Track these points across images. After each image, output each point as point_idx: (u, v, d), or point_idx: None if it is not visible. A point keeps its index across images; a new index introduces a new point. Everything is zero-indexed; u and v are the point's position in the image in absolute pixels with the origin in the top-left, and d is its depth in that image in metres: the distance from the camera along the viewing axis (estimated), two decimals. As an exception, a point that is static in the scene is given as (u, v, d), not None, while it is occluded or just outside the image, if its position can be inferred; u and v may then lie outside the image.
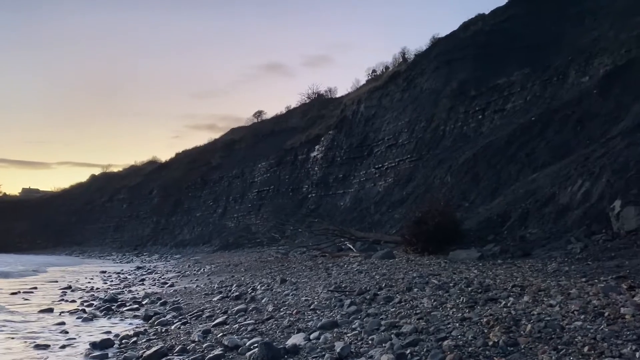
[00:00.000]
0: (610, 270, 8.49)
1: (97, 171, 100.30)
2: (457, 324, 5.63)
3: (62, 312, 11.74)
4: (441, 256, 14.31)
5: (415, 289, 8.70)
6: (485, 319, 5.53)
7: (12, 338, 8.49)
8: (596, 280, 7.57)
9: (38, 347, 7.79)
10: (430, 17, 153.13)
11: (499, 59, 31.19)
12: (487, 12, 37.45)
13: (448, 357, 4.42)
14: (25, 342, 8.19)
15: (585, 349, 4.07)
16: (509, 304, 6.32)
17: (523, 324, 5.20)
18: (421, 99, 34.93)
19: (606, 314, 5.05)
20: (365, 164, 36.89)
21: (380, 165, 34.48)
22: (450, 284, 8.68)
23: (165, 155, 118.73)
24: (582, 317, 5.12)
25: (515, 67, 28.07)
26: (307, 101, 59.51)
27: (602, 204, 12.77)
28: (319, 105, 54.47)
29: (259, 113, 68.07)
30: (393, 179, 31.81)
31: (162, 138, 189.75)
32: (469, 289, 7.96)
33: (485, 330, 5.16)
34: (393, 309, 7.27)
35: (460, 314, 6.10)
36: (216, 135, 78.24)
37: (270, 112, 66.83)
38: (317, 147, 44.00)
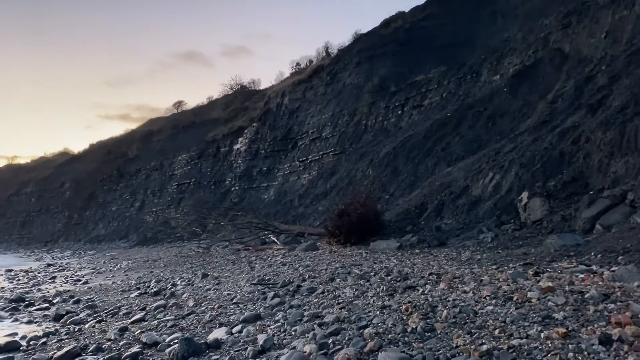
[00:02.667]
0: (518, 257, 9.07)
1: (0, 163, 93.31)
2: (378, 312, 5.78)
3: (-39, 314, 10.83)
4: (363, 247, 14.64)
5: (338, 279, 8.84)
6: (404, 306, 5.72)
7: None
8: (505, 267, 8.06)
9: None
10: (352, 12, 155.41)
11: (418, 56, 32.31)
12: (406, 10, 38.57)
13: (369, 345, 4.52)
14: None
15: (496, 331, 4.31)
16: (426, 292, 6.58)
17: (439, 310, 5.42)
18: (344, 94, 35.44)
19: (515, 299, 5.38)
20: (289, 157, 36.92)
21: (304, 159, 34.65)
22: (371, 274, 8.90)
23: (77, 146, 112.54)
24: (494, 302, 5.42)
25: (433, 65, 29.17)
26: (230, 92, 58.54)
27: (511, 195, 13.60)
28: (242, 97, 53.71)
29: (179, 103, 66.20)
30: (317, 172, 32.08)
31: (73, 128, 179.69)
32: (389, 277, 8.19)
33: (404, 317, 5.33)
34: (316, 300, 7.34)
35: (380, 302, 6.26)
36: (132, 125, 75.18)
37: (190, 103, 65.19)
38: (240, 139, 43.43)
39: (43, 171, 70.74)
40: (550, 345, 3.74)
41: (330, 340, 4.94)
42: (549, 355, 3.51)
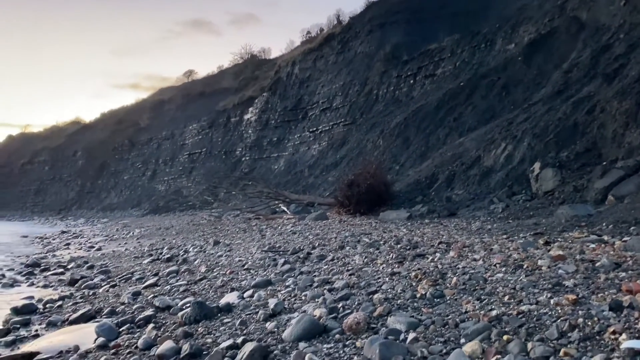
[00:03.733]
0: (529, 227, 9.05)
1: (13, 131, 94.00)
2: (387, 279, 5.82)
3: (-21, 278, 11.09)
4: (372, 217, 14.67)
5: (347, 247, 8.90)
6: (413, 273, 5.75)
7: None
8: (516, 237, 8.04)
9: (-49, 314, 7.33)
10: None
11: (431, 24, 31.66)
12: (420, -23, 37.62)
13: (378, 309, 4.57)
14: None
15: (506, 298, 4.33)
16: (435, 259, 6.60)
17: (449, 277, 5.44)
18: (355, 63, 35.02)
19: (525, 266, 5.38)
20: (299, 127, 36.79)
21: (314, 129, 34.52)
22: (381, 242, 8.94)
23: (89, 115, 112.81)
24: (503, 269, 5.42)
25: (446, 33, 28.61)
26: (240, 61, 58.07)
27: (523, 166, 13.49)
28: (253, 66, 53.29)
29: (189, 72, 65.91)
30: (327, 143, 31.99)
31: (83, 97, 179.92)
32: (398, 246, 8.23)
33: (414, 284, 5.37)
34: (326, 267, 7.40)
35: (390, 269, 6.30)
36: (142, 94, 74.97)
37: (200, 72, 64.83)
38: (250, 109, 43.29)
39: (55, 140, 71.22)
40: (560, 311, 3.75)
41: (340, 305, 4.99)
42: (559, 320, 3.52)
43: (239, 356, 4.04)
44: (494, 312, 3.94)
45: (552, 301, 4.00)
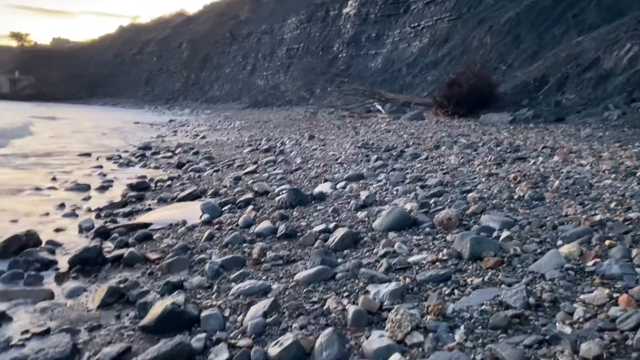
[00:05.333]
0: (647, 136, 8.29)
1: (123, 22, 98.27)
2: (484, 179, 5.68)
3: (99, 156, 12.26)
4: (472, 119, 14.12)
5: (443, 147, 8.72)
6: (512, 175, 5.55)
7: (54, 179, 8.97)
8: (630, 146, 7.42)
9: (78, 186, 8.24)
10: None
11: None
12: None
13: (472, 207, 4.50)
14: (66, 182, 8.66)
15: (613, 204, 4.08)
16: (537, 163, 6.30)
17: (551, 180, 5.20)
18: (466, -49, 31.99)
19: (638, 174, 5.00)
20: (400, 22, 35.05)
21: (416, 24, 32.75)
22: (479, 144, 8.65)
23: (192, 7, 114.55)
24: (613, 176, 5.07)
25: None
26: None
27: (649, 70, 12.11)
28: (354, -44, 50.45)
29: (289, -37, 63.83)
30: (429, 39, 30.38)
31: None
32: (498, 148, 7.93)
33: (512, 185, 5.20)
34: (419, 165, 7.34)
35: (487, 170, 6.13)
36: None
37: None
38: (350, 2, 41.67)
39: (162, 32, 73.74)
40: (672, 222, 3.49)
41: (432, 201, 4.98)
42: (670, 231, 3.29)
43: (330, 239, 4.22)
44: (597, 217, 3.75)
45: (665, 211, 3.72)
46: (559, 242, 3.41)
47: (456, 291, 2.87)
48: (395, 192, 5.80)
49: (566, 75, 14.46)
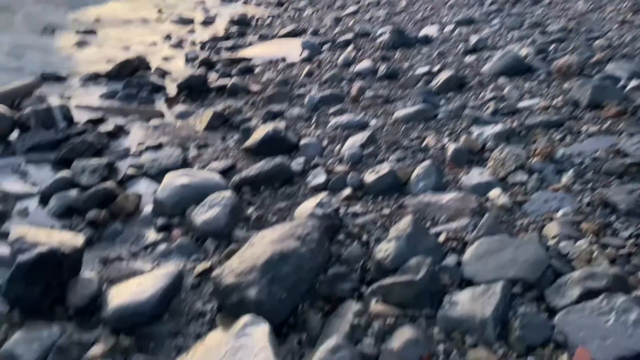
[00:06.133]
0: None
1: None
2: (615, 26, 5.02)
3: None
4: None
5: (571, -8, 7.71)
6: (651, 23, 4.85)
7: (160, 11, 9.12)
8: None
9: (183, 20, 8.36)
10: None
11: None
12: None
13: (597, 55, 4.03)
14: (171, 15, 8.80)
15: None
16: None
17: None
18: None
19: None
20: None
21: None
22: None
23: None
24: None
25: None
26: None
27: None
28: None
29: None
30: None
31: None
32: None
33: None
34: (540, 10, 6.61)
35: (620, 17, 5.39)
36: None
37: None
38: None
39: None
40: None
41: (551, 47, 4.52)
42: None
43: (434, 81, 4.03)
44: None
45: None
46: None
47: (568, 137, 2.68)
48: (509, 37, 5.32)
49: None
